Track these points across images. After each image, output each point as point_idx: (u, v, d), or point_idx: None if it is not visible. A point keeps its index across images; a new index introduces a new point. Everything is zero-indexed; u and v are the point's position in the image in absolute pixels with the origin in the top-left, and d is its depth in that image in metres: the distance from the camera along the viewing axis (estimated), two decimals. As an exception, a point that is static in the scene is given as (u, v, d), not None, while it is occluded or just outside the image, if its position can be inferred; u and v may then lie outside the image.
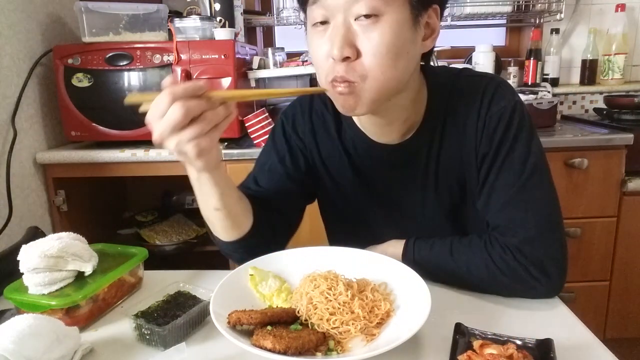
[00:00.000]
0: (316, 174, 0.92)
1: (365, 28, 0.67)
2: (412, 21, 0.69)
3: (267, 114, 1.61)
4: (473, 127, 0.78)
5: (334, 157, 0.89)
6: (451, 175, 0.83)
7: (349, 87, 0.69)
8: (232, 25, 1.80)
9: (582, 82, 2.23)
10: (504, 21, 2.33)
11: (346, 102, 0.71)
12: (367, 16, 0.66)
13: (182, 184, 2.02)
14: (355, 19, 0.67)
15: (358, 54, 0.68)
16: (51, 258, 0.72)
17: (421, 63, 0.79)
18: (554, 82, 2.19)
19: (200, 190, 0.73)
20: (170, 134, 0.59)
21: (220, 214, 0.75)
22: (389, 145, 0.83)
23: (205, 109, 0.59)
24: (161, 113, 0.58)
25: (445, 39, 2.10)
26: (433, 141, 0.82)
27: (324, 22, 0.69)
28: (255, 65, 1.77)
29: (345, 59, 0.67)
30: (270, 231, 0.84)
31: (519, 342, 0.60)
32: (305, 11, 0.73)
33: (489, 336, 0.61)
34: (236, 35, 1.70)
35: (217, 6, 1.79)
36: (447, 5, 0.74)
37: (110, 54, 1.53)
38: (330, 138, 0.89)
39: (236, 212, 0.77)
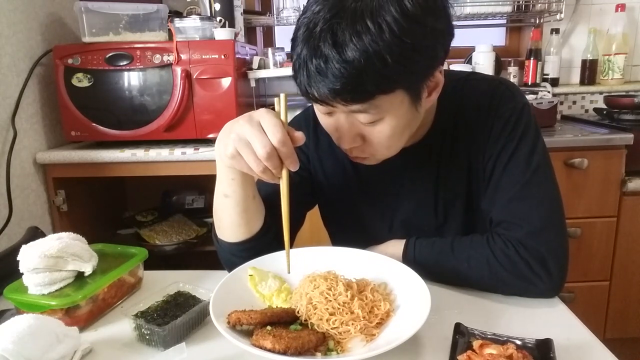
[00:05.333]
0: (318, 186, 0.93)
1: (367, 124, 0.69)
2: (412, 103, 0.69)
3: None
4: (482, 128, 0.80)
5: (338, 170, 0.90)
6: (460, 177, 0.84)
7: (362, 158, 0.77)
8: (232, 25, 1.80)
9: (582, 82, 2.23)
10: (504, 21, 2.33)
11: (360, 162, 0.79)
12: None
13: (182, 184, 2.05)
14: (356, 118, 0.69)
15: (364, 139, 0.72)
16: (51, 258, 0.72)
17: None
18: (554, 82, 2.19)
19: (225, 175, 0.74)
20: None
21: (230, 202, 0.75)
22: (400, 150, 0.84)
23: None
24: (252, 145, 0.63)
25: (445, 39, 2.10)
26: (444, 143, 0.83)
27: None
28: (255, 65, 1.78)
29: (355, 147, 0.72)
30: (273, 236, 0.84)
31: (518, 342, 0.60)
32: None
33: (489, 336, 0.61)
34: (236, 35, 1.70)
35: (217, 6, 1.79)
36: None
37: (110, 54, 1.53)
38: (334, 152, 0.90)
39: (248, 208, 0.77)
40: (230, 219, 0.78)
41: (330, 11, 0.62)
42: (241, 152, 0.64)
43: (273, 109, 0.68)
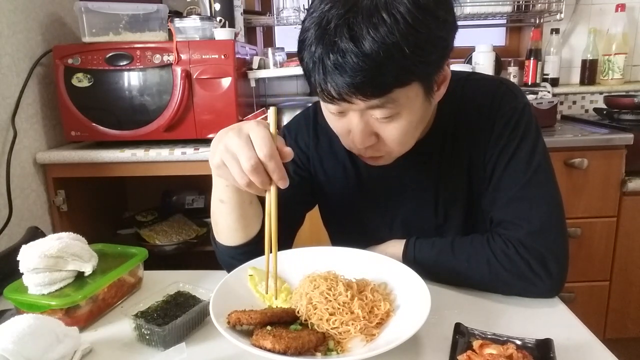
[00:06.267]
0: (318, 186, 0.93)
1: (382, 121, 0.68)
2: (426, 96, 0.69)
3: (267, 114, 1.61)
4: (483, 127, 0.80)
5: (338, 170, 0.90)
6: (461, 177, 0.84)
7: (376, 158, 0.76)
8: (232, 25, 1.80)
9: (582, 82, 2.24)
10: (504, 21, 2.33)
11: (374, 163, 0.78)
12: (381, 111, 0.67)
13: (182, 184, 2.06)
14: (372, 115, 0.68)
15: (378, 137, 0.71)
16: (51, 258, 0.72)
17: None
18: (554, 82, 2.19)
19: (219, 181, 0.73)
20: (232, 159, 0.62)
21: (225, 207, 0.75)
22: None
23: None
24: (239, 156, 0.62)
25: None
26: (444, 143, 0.83)
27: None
28: (255, 65, 1.78)
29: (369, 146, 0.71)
30: None
31: (518, 342, 0.60)
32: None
33: (489, 336, 0.61)
34: (236, 35, 1.70)
35: (217, 6, 1.79)
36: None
37: (110, 54, 1.53)
38: (334, 152, 0.90)
39: (245, 214, 0.77)
40: (227, 223, 0.77)
41: (344, 7, 0.62)
42: (227, 163, 0.62)
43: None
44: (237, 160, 0.61)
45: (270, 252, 0.66)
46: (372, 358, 0.56)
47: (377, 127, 0.70)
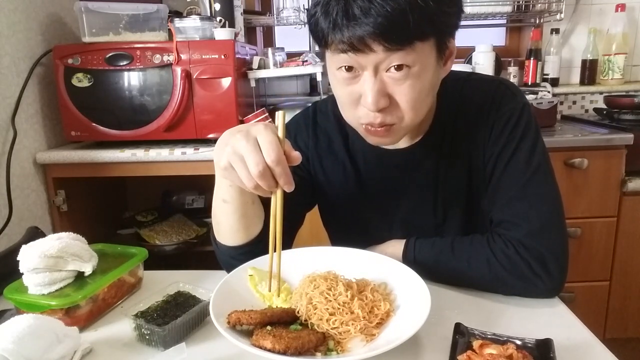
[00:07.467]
0: (318, 186, 0.93)
1: (397, 80, 0.68)
2: (437, 59, 0.71)
3: (267, 114, 1.61)
4: (482, 127, 0.80)
5: (338, 170, 0.90)
6: (460, 177, 0.84)
7: (387, 129, 0.73)
8: (232, 25, 1.80)
9: (582, 82, 2.24)
10: (504, 21, 2.33)
11: (382, 140, 0.76)
12: (397, 67, 0.67)
13: (182, 184, 2.06)
14: (385, 70, 0.68)
15: (391, 100, 0.70)
16: (51, 258, 0.72)
17: None
18: (554, 82, 2.20)
19: (223, 180, 0.73)
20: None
21: (228, 207, 0.75)
22: (399, 150, 0.84)
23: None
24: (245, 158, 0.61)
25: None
26: (443, 142, 0.83)
27: (350, 68, 0.70)
28: (255, 65, 1.78)
29: (381, 109, 0.70)
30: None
31: (518, 342, 0.60)
32: (323, 48, 0.72)
33: (489, 336, 0.61)
34: (236, 35, 1.70)
35: (217, 6, 1.79)
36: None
37: (110, 54, 1.53)
38: (334, 152, 0.90)
39: (247, 214, 0.77)
40: (229, 223, 0.77)
41: None
42: (234, 166, 0.62)
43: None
44: (244, 163, 0.61)
45: (275, 251, 0.66)
46: (372, 358, 0.56)
47: (390, 88, 0.69)
